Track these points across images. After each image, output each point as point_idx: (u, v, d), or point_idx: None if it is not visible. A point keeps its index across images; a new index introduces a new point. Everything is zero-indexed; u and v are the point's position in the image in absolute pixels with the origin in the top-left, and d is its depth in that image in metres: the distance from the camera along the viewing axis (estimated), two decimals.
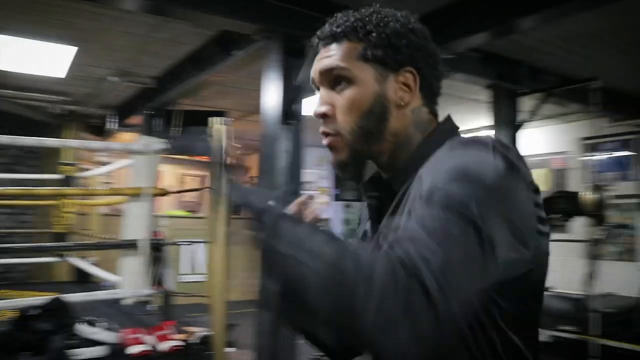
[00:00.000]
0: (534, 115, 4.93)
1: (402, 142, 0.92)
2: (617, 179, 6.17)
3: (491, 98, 5.03)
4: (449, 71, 0.99)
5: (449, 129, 0.94)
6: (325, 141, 0.92)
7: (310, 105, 3.43)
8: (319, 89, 0.94)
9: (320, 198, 8.67)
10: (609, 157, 6.35)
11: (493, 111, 5.03)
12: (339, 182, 8.95)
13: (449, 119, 0.96)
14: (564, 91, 4.96)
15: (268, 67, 3.78)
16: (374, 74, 0.89)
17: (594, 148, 6.40)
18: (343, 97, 0.90)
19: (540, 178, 6.62)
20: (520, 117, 4.97)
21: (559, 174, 6.69)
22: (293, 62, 3.64)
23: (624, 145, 6.17)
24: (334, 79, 0.91)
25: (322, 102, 0.92)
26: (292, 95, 3.66)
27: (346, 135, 0.90)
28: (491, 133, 5.03)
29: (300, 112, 3.70)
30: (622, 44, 4.24)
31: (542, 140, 6.75)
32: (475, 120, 6.42)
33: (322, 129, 0.92)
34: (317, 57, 0.94)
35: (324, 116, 0.91)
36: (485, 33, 3.68)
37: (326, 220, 8.50)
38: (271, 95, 3.73)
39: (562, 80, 4.98)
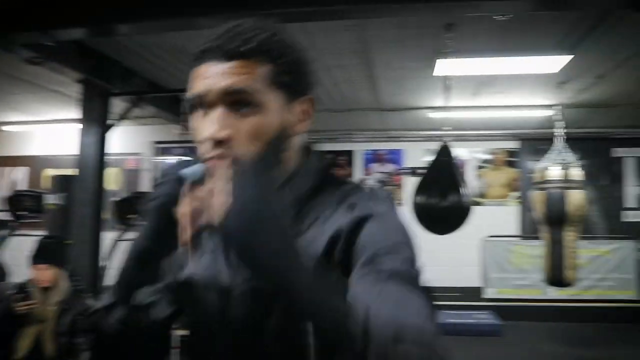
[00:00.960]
0: (125, 117, 4.95)
1: (288, 167, 0.90)
2: None
3: (82, 93, 4.79)
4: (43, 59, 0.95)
5: (319, 160, 0.97)
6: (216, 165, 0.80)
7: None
8: (206, 107, 0.83)
9: None
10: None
11: (83, 107, 4.81)
12: None
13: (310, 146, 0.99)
14: (154, 97, 5.18)
15: None
16: (281, 101, 0.85)
17: (165, 151, 6.87)
18: (248, 124, 0.82)
19: (112, 177, 6.67)
20: (111, 116, 4.92)
21: (131, 174, 6.89)
22: None
23: (193, 151, 6.86)
24: (236, 101, 0.82)
25: (221, 126, 0.80)
26: None
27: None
28: (78, 129, 4.81)
29: None
30: None
31: (117, 141, 6.79)
32: (60, 114, 5.99)
33: (213, 153, 0.80)
34: (212, 72, 0.82)
35: (221, 142, 0.80)
36: (84, 29, 3.59)
37: None
38: None
39: (152, 86, 5.19)
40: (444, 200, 4.03)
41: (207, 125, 0.81)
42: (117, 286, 0.82)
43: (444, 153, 4.34)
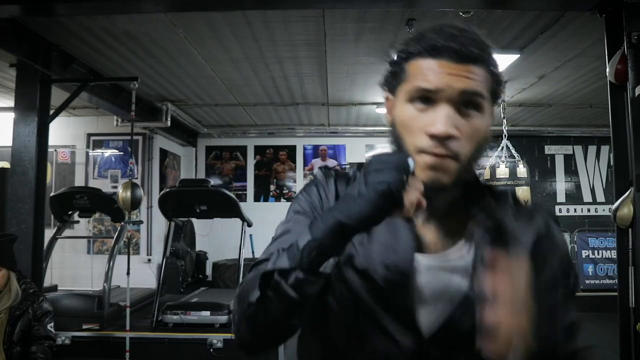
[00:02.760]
0: (65, 105, 4.61)
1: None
2: (121, 175, 6.47)
3: (17, 79, 4.41)
4: None
5: None
6: (432, 160, 0.85)
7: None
8: (431, 101, 0.86)
9: None
10: (114, 154, 6.59)
11: (17, 94, 4.42)
12: None
13: None
14: (93, 85, 4.86)
15: None
16: (491, 107, 0.90)
17: (100, 144, 6.50)
18: (470, 124, 0.86)
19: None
20: (49, 104, 4.56)
21: (64, 168, 6.48)
22: None
23: (129, 145, 6.53)
24: (467, 102, 0.86)
25: (451, 123, 0.84)
26: None
27: (462, 160, 0.86)
28: (11, 116, 4.43)
29: None
30: (148, 50, 4.54)
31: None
32: None
33: (439, 150, 0.84)
34: (448, 70, 0.84)
35: (448, 137, 0.84)
36: (18, 6, 3.31)
37: None
38: None
39: (92, 73, 4.88)
40: None
41: (438, 120, 0.84)
42: (301, 252, 0.79)
43: None
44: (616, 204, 2.96)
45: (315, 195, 0.98)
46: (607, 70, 3.04)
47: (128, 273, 4.27)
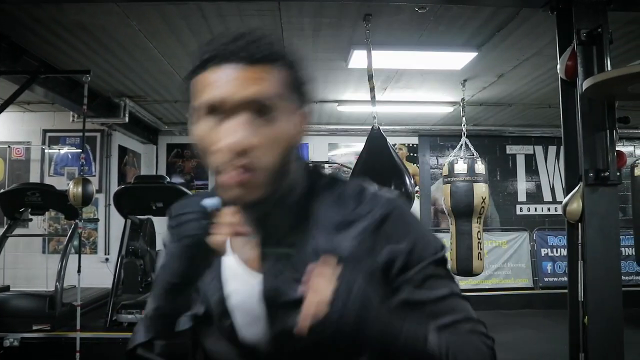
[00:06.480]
0: (15, 97, 4.46)
1: (292, 178, 0.88)
2: (77, 173, 6.30)
3: None
4: None
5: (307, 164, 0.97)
6: (232, 177, 0.79)
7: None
8: (222, 114, 0.80)
9: None
10: (71, 152, 6.43)
11: None
12: None
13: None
14: (46, 79, 4.71)
15: None
16: (293, 108, 0.84)
17: (56, 141, 6.33)
18: (268, 132, 0.80)
19: None
20: None
21: (17, 165, 6.28)
22: None
23: (86, 141, 6.38)
24: (259, 108, 0.79)
25: (245, 135, 0.78)
26: None
27: (265, 172, 0.80)
28: None
29: None
30: (102, 43, 4.43)
31: (1, 127, 6.16)
32: None
33: (235, 165, 0.78)
34: (230, 77, 0.79)
35: (242, 150, 0.78)
36: None
37: None
38: None
39: (45, 66, 4.73)
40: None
41: (227, 134, 0.78)
42: (151, 321, 0.82)
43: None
44: (566, 199, 2.98)
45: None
46: (558, 66, 3.08)
47: (79, 271, 4.16)
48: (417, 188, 7.76)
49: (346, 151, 8.06)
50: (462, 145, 5.18)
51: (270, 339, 0.85)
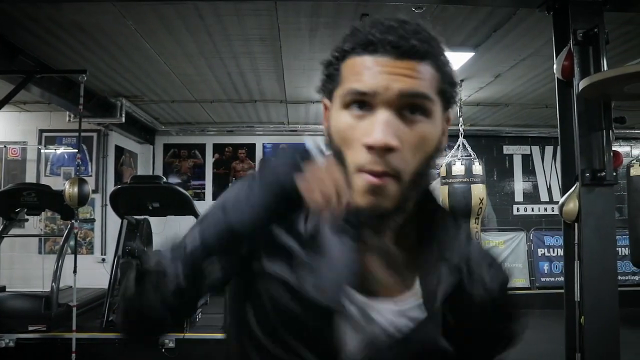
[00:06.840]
0: (11, 96, 4.44)
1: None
2: (73, 173, 6.29)
3: None
4: None
5: None
6: (371, 181, 0.70)
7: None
8: (368, 106, 0.72)
9: None
10: (67, 152, 6.41)
11: None
12: None
13: None
14: (42, 79, 4.70)
15: None
16: (441, 111, 0.76)
17: (52, 141, 6.31)
18: (416, 132, 0.72)
19: None
20: None
21: (13, 165, 6.26)
22: None
23: (83, 141, 6.37)
24: (410, 106, 0.72)
25: (390, 131, 0.70)
26: None
27: (406, 178, 0.72)
28: None
29: None
30: (98, 43, 4.41)
31: None
32: None
33: (377, 166, 0.70)
34: (384, 68, 0.71)
35: (388, 150, 0.69)
36: None
37: None
38: None
39: (41, 66, 4.71)
40: None
41: (372, 129, 0.70)
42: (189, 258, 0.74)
43: None
44: (562, 199, 2.99)
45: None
46: (555, 66, 3.08)
47: (75, 271, 4.14)
48: None
49: None
50: (459, 145, 5.18)
51: (371, 346, 0.75)
